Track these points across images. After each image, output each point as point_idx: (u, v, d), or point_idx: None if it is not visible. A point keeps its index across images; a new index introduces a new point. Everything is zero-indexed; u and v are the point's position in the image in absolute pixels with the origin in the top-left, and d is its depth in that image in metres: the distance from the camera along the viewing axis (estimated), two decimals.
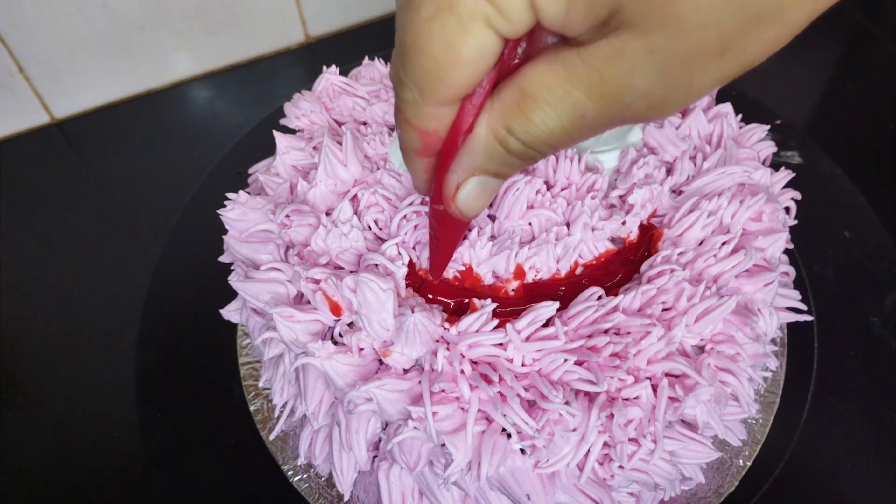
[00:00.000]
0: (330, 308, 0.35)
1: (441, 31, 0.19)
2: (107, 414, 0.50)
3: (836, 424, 0.42)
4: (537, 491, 0.31)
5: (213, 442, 0.45)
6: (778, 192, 0.40)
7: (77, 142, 0.70)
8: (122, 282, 0.58)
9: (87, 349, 0.54)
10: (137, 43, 0.68)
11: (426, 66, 0.21)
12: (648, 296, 0.34)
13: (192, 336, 0.50)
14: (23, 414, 0.51)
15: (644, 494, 0.35)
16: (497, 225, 0.38)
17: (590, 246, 0.37)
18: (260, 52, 0.74)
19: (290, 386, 0.38)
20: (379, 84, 0.46)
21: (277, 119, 0.47)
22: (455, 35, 0.19)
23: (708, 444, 0.33)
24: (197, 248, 0.53)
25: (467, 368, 0.32)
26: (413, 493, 0.34)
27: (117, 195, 0.66)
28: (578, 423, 0.31)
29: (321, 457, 0.38)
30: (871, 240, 0.51)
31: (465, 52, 0.20)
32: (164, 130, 0.70)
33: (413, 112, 0.23)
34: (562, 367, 0.32)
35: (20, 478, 0.48)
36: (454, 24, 0.19)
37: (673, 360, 0.32)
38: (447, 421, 0.31)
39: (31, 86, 0.68)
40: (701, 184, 0.39)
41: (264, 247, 0.39)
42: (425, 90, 0.22)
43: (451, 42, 0.20)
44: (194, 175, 0.60)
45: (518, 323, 0.32)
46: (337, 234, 0.37)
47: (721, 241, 0.36)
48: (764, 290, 0.36)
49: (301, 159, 0.43)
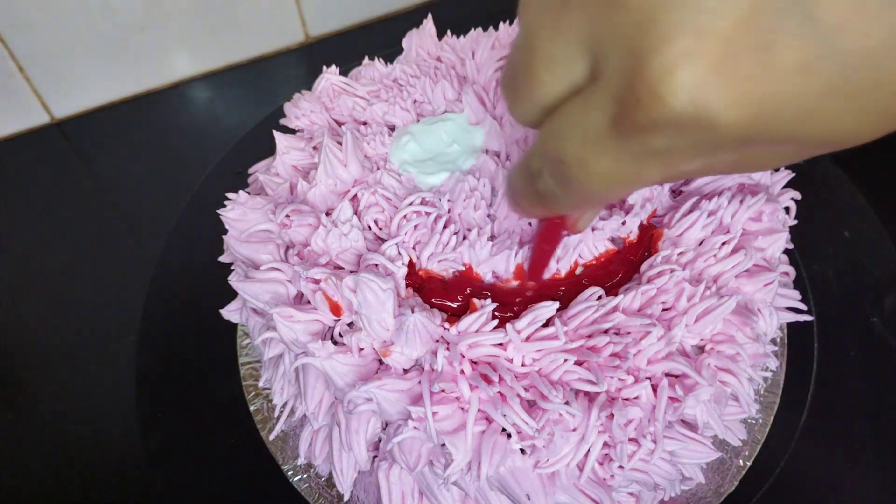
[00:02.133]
0: (330, 308, 0.35)
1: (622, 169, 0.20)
2: (107, 414, 0.50)
3: (836, 424, 0.42)
4: (537, 491, 0.31)
5: (213, 442, 0.45)
6: (778, 192, 0.40)
7: (77, 142, 0.70)
8: (122, 282, 0.58)
9: (87, 349, 0.54)
10: (137, 43, 0.68)
11: (592, 190, 0.22)
12: (648, 296, 0.34)
13: (192, 336, 0.50)
14: (23, 414, 0.51)
15: (644, 494, 0.35)
16: (497, 225, 0.38)
17: (590, 246, 0.37)
18: (260, 52, 0.74)
19: (290, 386, 0.38)
20: (379, 84, 0.46)
21: (277, 119, 0.47)
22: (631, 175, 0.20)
23: (708, 444, 0.33)
24: (197, 248, 0.53)
25: (467, 368, 0.32)
26: (413, 493, 0.34)
27: (117, 195, 0.66)
28: (578, 423, 0.31)
29: (321, 457, 0.38)
30: (871, 240, 0.51)
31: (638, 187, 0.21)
32: (164, 130, 0.70)
33: (553, 207, 0.25)
34: (562, 367, 0.32)
35: (20, 478, 0.48)
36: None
37: (673, 360, 0.32)
38: (447, 421, 0.31)
39: (31, 86, 0.68)
40: (701, 184, 0.39)
41: (264, 247, 0.39)
42: (578, 204, 0.24)
43: (628, 181, 0.21)
44: (194, 175, 0.60)
45: (518, 323, 0.32)
46: (337, 234, 0.37)
47: (721, 241, 0.36)
48: (764, 290, 0.36)
49: (301, 159, 0.43)
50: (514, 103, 0.23)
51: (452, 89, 0.45)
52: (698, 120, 0.17)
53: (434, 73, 0.46)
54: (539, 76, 0.21)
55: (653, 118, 0.17)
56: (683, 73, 0.16)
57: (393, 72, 0.47)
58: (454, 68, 0.46)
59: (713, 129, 0.17)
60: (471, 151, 0.41)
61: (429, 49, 0.49)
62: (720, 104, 0.17)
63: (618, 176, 0.20)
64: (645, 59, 0.17)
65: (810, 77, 0.16)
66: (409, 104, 0.45)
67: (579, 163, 0.20)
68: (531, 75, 0.21)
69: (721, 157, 0.20)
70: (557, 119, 0.21)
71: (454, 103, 0.44)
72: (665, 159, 0.19)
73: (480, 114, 0.43)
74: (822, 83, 0.16)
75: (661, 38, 0.16)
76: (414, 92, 0.45)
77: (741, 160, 0.21)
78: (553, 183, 0.23)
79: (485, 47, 0.46)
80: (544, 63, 0.20)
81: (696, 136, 0.18)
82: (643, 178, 0.20)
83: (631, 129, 0.18)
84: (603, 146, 0.19)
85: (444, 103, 0.45)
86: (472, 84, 0.44)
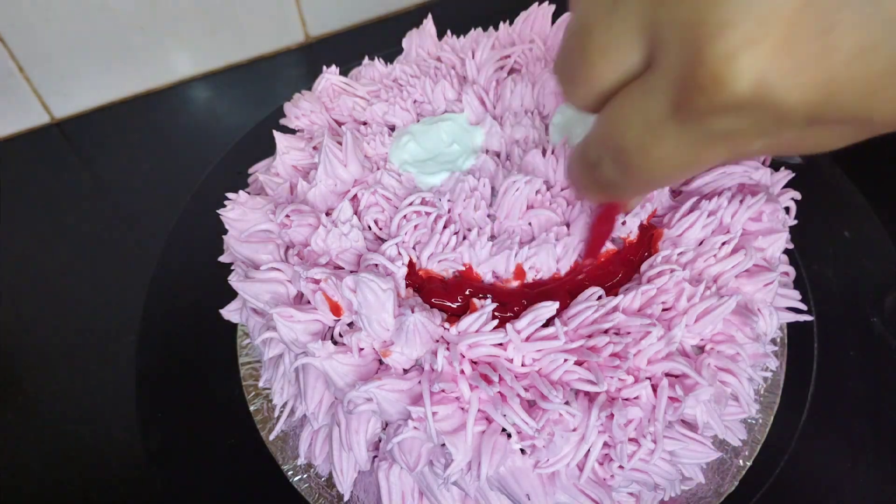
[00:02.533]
0: (330, 308, 0.35)
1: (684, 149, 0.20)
2: (107, 414, 0.50)
3: (836, 424, 0.42)
4: (537, 491, 0.31)
5: (213, 442, 0.45)
6: (778, 192, 0.40)
7: (77, 142, 0.70)
8: (122, 282, 0.58)
9: (87, 349, 0.54)
10: (137, 43, 0.68)
11: (654, 176, 0.22)
12: (648, 296, 0.34)
13: (192, 336, 0.50)
14: (23, 414, 0.51)
15: (644, 494, 0.35)
16: (497, 225, 0.38)
17: None
18: (260, 52, 0.74)
19: (290, 386, 0.38)
20: (379, 84, 0.46)
21: (277, 119, 0.47)
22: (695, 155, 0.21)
23: (708, 444, 0.33)
24: (197, 248, 0.53)
25: (467, 368, 0.32)
26: (413, 493, 0.34)
27: (117, 195, 0.66)
28: (578, 423, 0.31)
29: (321, 457, 0.38)
30: (871, 240, 0.51)
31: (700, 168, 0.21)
32: (164, 130, 0.70)
33: (615, 194, 0.26)
34: (562, 367, 0.32)
35: (20, 478, 0.48)
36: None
37: (673, 360, 0.32)
38: (447, 421, 0.31)
39: (31, 86, 0.68)
40: (701, 184, 0.39)
41: (264, 247, 0.39)
42: (639, 190, 0.24)
43: (691, 165, 0.21)
44: (194, 175, 0.60)
45: (518, 323, 0.32)
46: (337, 234, 0.37)
47: (721, 241, 0.36)
48: (764, 290, 0.36)
49: (301, 159, 0.43)
50: (569, 90, 0.23)
51: (452, 89, 0.45)
52: (761, 103, 0.17)
53: (434, 73, 0.46)
54: (594, 64, 0.21)
55: (715, 103, 0.18)
56: (746, 58, 0.17)
57: (393, 72, 0.47)
58: (454, 68, 0.46)
59: (776, 110, 0.17)
60: (471, 151, 0.41)
61: (429, 49, 0.49)
62: (783, 87, 0.17)
63: (680, 160, 0.20)
64: (706, 44, 0.17)
65: (873, 58, 0.16)
66: (409, 104, 0.45)
67: (640, 150, 0.21)
68: (586, 63, 0.21)
69: (784, 136, 0.20)
70: (616, 107, 0.21)
71: (454, 103, 0.45)
72: (728, 141, 0.19)
73: (480, 114, 0.43)
74: (884, 64, 0.16)
75: (721, 23, 0.17)
76: (414, 92, 0.45)
77: (803, 140, 0.21)
78: (614, 171, 0.23)
79: (485, 47, 0.46)
80: (600, 51, 0.20)
81: (760, 117, 0.18)
82: (705, 160, 0.21)
83: (693, 114, 0.19)
84: (664, 132, 0.20)
85: (444, 103, 0.45)
86: (472, 84, 0.44)
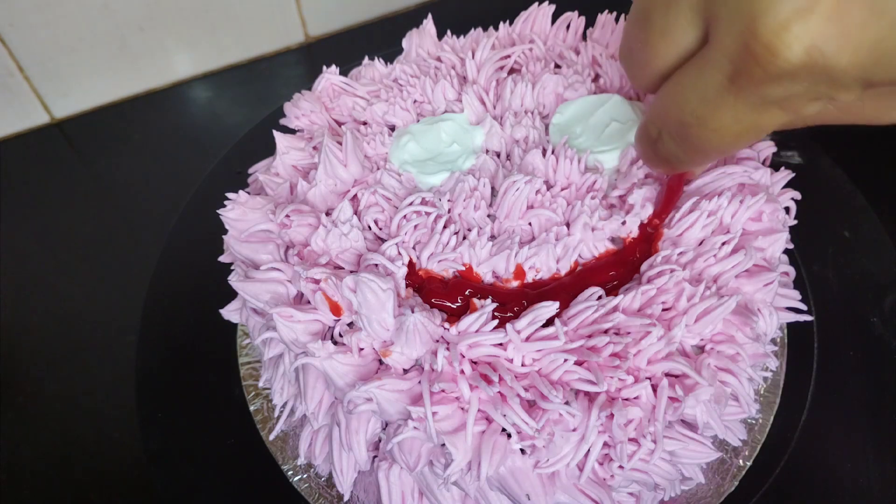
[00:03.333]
0: (330, 308, 0.35)
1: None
2: (107, 414, 0.50)
3: (836, 424, 0.42)
4: (537, 491, 0.31)
5: (213, 442, 0.45)
6: (778, 192, 0.40)
7: (77, 142, 0.70)
8: (122, 282, 0.58)
9: (87, 349, 0.54)
10: (137, 43, 0.68)
11: (712, 146, 0.23)
12: (648, 296, 0.34)
13: (192, 336, 0.50)
14: (23, 414, 0.51)
15: (644, 494, 0.34)
16: (497, 225, 0.38)
17: (590, 246, 0.37)
18: (260, 52, 0.74)
19: (290, 386, 0.38)
20: (379, 84, 0.46)
21: (277, 119, 0.47)
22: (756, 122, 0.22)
23: (708, 444, 0.33)
24: (197, 248, 0.53)
25: (467, 368, 0.32)
26: (413, 493, 0.34)
27: (117, 195, 0.66)
28: (578, 423, 0.31)
29: (321, 457, 0.38)
30: (871, 240, 0.51)
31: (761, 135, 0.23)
32: (164, 130, 0.70)
33: (676, 166, 0.28)
34: (562, 367, 0.32)
35: (20, 478, 0.48)
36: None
37: (673, 360, 0.32)
38: (447, 421, 0.31)
39: (31, 86, 0.68)
40: (701, 183, 0.39)
41: (264, 247, 0.39)
42: (698, 161, 0.27)
43: (748, 132, 0.22)
44: (194, 175, 0.60)
45: (518, 323, 0.32)
46: (337, 234, 0.37)
47: (721, 241, 0.36)
48: (764, 290, 0.36)
49: (301, 159, 0.43)
50: (633, 74, 0.25)
51: (452, 89, 0.45)
52: (814, 68, 0.18)
53: (434, 73, 0.46)
54: (655, 45, 0.22)
55: (770, 72, 0.19)
56: (798, 28, 0.18)
57: (393, 72, 0.47)
58: (454, 68, 0.46)
59: (829, 74, 0.18)
60: (471, 151, 0.41)
61: (429, 49, 0.49)
62: (834, 51, 0.18)
63: (738, 128, 0.22)
64: (758, 18, 0.18)
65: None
66: (409, 104, 0.45)
67: (699, 121, 0.22)
68: (648, 46, 0.23)
69: (840, 102, 0.20)
70: (674, 84, 0.22)
71: (454, 103, 0.45)
72: (784, 106, 0.20)
73: (480, 114, 0.43)
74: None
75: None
76: (414, 92, 0.45)
77: (862, 107, 0.22)
78: (673, 144, 0.25)
79: (485, 47, 0.46)
80: (660, 32, 0.22)
81: (813, 82, 0.19)
82: (763, 126, 0.22)
83: (749, 84, 0.20)
84: (721, 102, 0.21)
85: (444, 103, 0.45)
86: (472, 84, 0.44)
